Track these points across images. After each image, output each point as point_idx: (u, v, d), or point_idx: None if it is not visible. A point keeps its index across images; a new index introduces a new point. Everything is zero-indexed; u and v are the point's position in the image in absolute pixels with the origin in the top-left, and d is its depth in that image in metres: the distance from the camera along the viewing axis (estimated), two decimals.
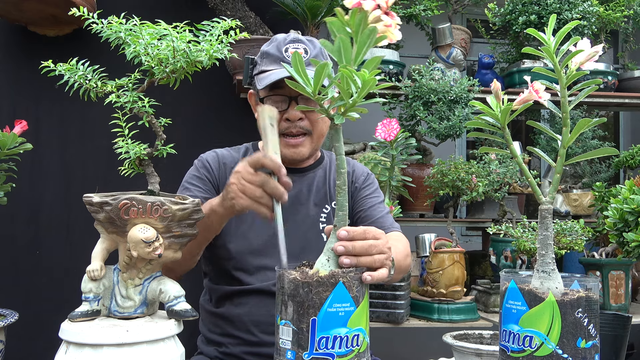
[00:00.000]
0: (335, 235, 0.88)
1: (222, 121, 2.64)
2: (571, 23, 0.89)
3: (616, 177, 3.31)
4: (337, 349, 0.79)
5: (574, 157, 0.91)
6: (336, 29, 0.76)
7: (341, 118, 0.83)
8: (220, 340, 1.41)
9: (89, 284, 0.94)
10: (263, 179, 1.06)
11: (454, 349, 1.23)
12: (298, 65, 0.80)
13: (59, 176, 2.51)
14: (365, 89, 0.79)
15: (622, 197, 1.50)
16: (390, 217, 1.50)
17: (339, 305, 0.79)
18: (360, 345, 0.81)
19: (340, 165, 0.87)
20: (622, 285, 2.29)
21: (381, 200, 1.53)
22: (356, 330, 0.81)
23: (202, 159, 1.49)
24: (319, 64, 0.78)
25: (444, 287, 2.15)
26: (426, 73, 2.44)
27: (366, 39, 0.76)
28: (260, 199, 1.06)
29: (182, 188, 1.44)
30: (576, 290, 0.85)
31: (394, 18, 0.77)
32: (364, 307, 0.83)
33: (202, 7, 2.43)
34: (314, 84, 0.80)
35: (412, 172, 2.44)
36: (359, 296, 0.82)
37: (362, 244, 0.91)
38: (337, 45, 0.76)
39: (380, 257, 0.93)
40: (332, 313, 0.79)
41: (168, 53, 0.96)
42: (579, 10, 2.55)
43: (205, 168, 1.46)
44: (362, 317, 0.82)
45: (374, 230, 0.96)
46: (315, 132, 1.43)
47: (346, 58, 0.77)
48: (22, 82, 2.49)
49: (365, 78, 0.77)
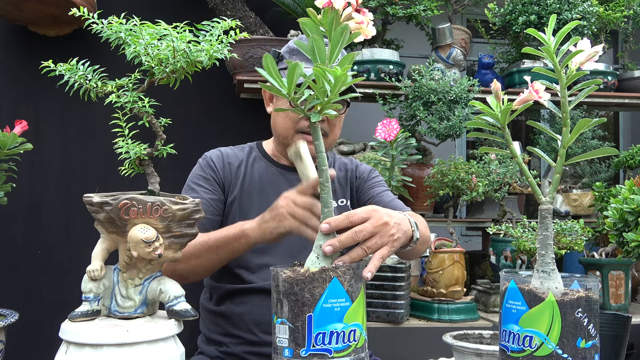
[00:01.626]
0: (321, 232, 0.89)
1: (222, 121, 2.64)
2: (571, 23, 0.89)
3: (616, 177, 3.31)
4: (334, 345, 0.79)
5: (574, 157, 0.91)
6: (309, 29, 0.77)
7: (318, 116, 0.84)
8: (221, 339, 1.40)
9: (89, 284, 0.94)
10: (312, 202, 1.09)
11: (454, 349, 1.23)
12: (270, 67, 0.81)
13: (59, 176, 2.51)
14: (338, 85, 0.79)
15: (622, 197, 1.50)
16: (400, 202, 1.50)
17: (334, 300, 0.80)
18: (358, 340, 0.81)
19: (321, 162, 0.88)
20: (622, 285, 2.29)
21: (388, 189, 1.54)
22: (353, 326, 0.81)
23: (207, 158, 1.48)
24: (291, 64, 0.78)
25: (444, 287, 2.15)
26: (426, 73, 2.44)
27: (339, 37, 0.77)
28: (308, 221, 1.09)
29: (187, 188, 1.43)
30: (576, 290, 0.85)
31: (366, 15, 0.78)
32: (360, 302, 0.83)
33: (202, 7, 2.43)
34: (287, 84, 0.81)
35: (412, 172, 2.44)
36: (353, 291, 0.82)
37: (348, 235, 0.91)
38: (310, 44, 0.77)
39: (374, 241, 0.93)
40: (327, 309, 0.79)
41: (168, 53, 0.96)
42: (579, 11, 2.55)
43: (210, 167, 1.45)
44: (358, 313, 0.82)
45: (360, 211, 0.96)
46: (331, 136, 1.44)
47: (320, 57, 0.78)
48: (22, 82, 2.49)
49: (337, 74, 0.77)
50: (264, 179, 1.46)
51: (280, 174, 1.48)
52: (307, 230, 1.09)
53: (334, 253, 0.88)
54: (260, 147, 1.54)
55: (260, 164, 1.49)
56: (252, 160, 1.49)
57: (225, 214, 1.43)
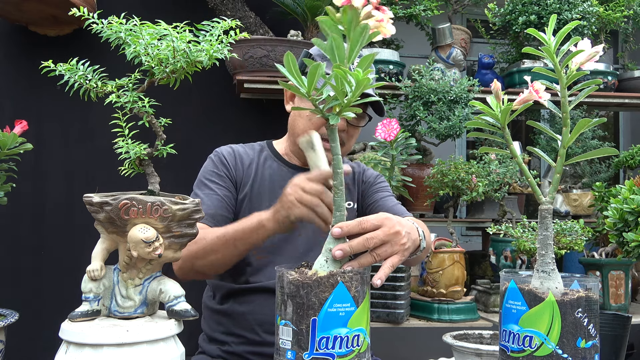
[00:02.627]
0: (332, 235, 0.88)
1: (222, 121, 2.64)
2: (571, 23, 0.89)
3: (616, 177, 3.31)
4: (337, 349, 0.79)
5: (574, 157, 0.91)
6: (328, 27, 0.76)
7: (336, 118, 0.83)
8: (224, 338, 1.40)
9: (89, 284, 0.94)
10: (321, 189, 1.08)
11: (454, 349, 1.23)
12: (291, 65, 0.80)
13: (59, 176, 2.51)
14: (360, 88, 0.79)
15: (622, 197, 1.50)
16: (402, 207, 1.51)
17: (340, 305, 0.79)
18: (361, 345, 0.81)
19: (336, 165, 0.87)
20: (622, 285, 2.29)
21: (392, 194, 1.56)
22: (357, 331, 0.81)
23: (219, 154, 1.47)
24: (312, 65, 0.77)
25: (444, 287, 2.15)
26: (426, 73, 2.44)
27: (359, 36, 0.76)
28: (317, 208, 1.08)
29: (199, 184, 1.43)
30: (576, 290, 0.85)
31: (386, 12, 0.76)
32: (365, 307, 0.83)
33: (202, 7, 2.43)
34: (307, 84, 0.80)
35: (412, 172, 2.45)
36: (358, 296, 0.82)
37: (359, 241, 0.91)
38: (329, 44, 0.76)
39: (385, 249, 0.93)
40: (332, 313, 0.79)
41: (168, 53, 0.96)
42: (579, 11, 2.55)
43: (223, 164, 1.45)
44: (362, 318, 0.82)
45: (372, 218, 0.96)
46: (347, 146, 1.45)
47: (339, 57, 0.77)
48: (22, 82, 2.49)
49: (359, 78, 0.77)
50: (274, 179, 1.46)
51: (291, 174, 1.48)
52: (316, 219, 1.08)
53: (343, 258, 0.87)
54: (271, 147, 1.54)
55: (271, 164, 1.49)
56: (264, 159, 1.49)
57: (235, 212, 1.43)
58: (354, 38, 0.76)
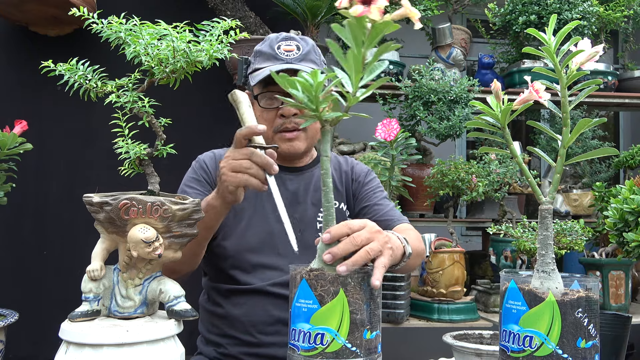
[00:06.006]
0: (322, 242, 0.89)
1: (222, 121, 2.64)
2: (571, 23, 0.89)
3: (616, 177, 3.31)
4: (301, 342, 0.82)
5: (574, 157, 0.91)
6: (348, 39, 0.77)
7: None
8: (219, 340, 1.40)
9: (89, 284, 0.94)
10: (249, 151, 1.09)
11: (454, 349, 1.23)
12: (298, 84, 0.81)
13: (59, 176, 2.51)
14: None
15: (622, 197, 1.50)
16: (397, 211, 1.50)
17: (303, 301, 0.83)
18: (327, 345, 0.81)
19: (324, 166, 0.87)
20: (622, 285, 2.29)
21: (385, 195, 1.53)
22: (320, 329, 0.81)
23: (200, 160, 1.48)
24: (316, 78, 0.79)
25: (444, 287, 2.15)
26: (426, 73, 2.44)
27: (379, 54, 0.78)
28: (249, 170, 1.09)
29: (180, 191, 1.44)
30: (576, 290, 0.85)
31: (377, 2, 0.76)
32: (334, 307, 0.82)
33: (202, 7, 2.43)
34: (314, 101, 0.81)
35: (412, 172, 2.45)
36: (325, 296, 0.82)
37: (346, 242, 0.90)
38: (349, 57, 0.78)
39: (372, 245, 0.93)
40: (298, 307, 0.84)
41: (168, 53, 0.96)
42: (579, 11, 2.55)
43: (202, 169, 1.45)
44: (330, 318, 0.82)
45: (357, 220, 0.96)
46: (310, 128, 1.43)
47: (356, 70, 0.79)
48: (23, 82, 2.49)
49: None
50: None
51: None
52: (250, 180, 1.09)
53: (335, 261, 0.87)
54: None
55: None
56: None
57: None
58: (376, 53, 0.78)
